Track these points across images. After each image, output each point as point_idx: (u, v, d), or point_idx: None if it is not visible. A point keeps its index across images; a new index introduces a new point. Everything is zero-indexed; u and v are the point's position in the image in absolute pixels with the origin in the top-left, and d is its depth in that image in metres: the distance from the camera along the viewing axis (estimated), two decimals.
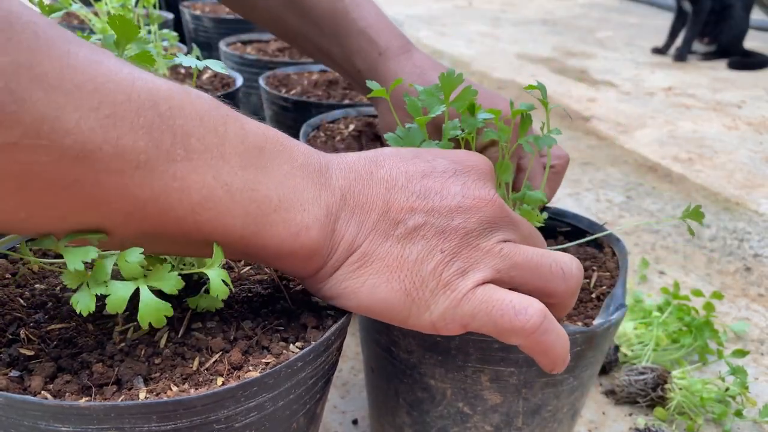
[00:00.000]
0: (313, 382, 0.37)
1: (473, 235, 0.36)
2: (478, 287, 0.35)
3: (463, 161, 0.39)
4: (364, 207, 0.36)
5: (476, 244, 0.36)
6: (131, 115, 0.29)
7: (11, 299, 0.40)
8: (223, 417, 0.32)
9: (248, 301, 0.42)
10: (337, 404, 0.69)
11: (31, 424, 0.30)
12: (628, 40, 2.92)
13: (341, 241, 0.36)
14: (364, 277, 0.36)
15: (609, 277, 0.53)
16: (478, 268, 0.35)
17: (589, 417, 0.69)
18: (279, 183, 0.34)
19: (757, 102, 1.99)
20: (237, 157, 0.32)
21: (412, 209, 0.36)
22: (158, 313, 0.33)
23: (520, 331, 0.35)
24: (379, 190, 0.37)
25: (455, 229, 0.36)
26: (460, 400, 0.48)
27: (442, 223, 0.36)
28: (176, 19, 1.53)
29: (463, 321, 0.35)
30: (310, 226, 0.34)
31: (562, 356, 0.36)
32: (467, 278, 0.35)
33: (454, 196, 0.36)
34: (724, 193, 1.30)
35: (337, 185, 0.36)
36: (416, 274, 0.35)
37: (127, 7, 0.77)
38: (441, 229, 0.36)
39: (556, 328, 0.36)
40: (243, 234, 0.33)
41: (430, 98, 0.45)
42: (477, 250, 0.36)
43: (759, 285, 0.98)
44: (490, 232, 0.36)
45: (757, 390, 0.75)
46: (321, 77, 1.07)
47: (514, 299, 0.35)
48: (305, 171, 0.35)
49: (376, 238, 0.36)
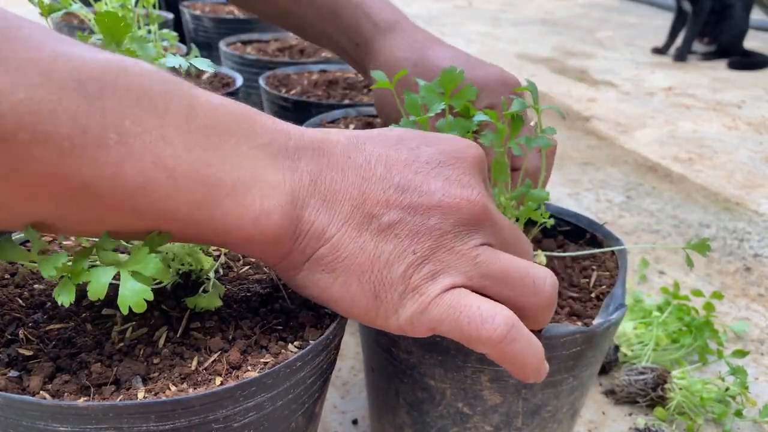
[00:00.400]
0: (312, 381, 0.37)
1: (448, 237, 0.34)
2: (447, 292, 0.34)
3: (451, 151, 0.37)
4: (337, 196, 0.34)
5: (451, 247, 0.34)
6: (51, 98, 0.26)
7: (10, 299, 0.40)
8: (222, 417, 0.32)
9: (247, 301, 0.42)
10: (336, 404, 0.69)
11: (29, 424, 0.30)
12: (628, 40, 2.92)
13: (310, 230, 0.34)
14: (336, 273, 0.34)
15: (608, 277, 0.53)
16: (449, 272, 0.34)
17: (589, 417, 0.69)
18: (234, 165, 0.31)
19: (757, 102, 1.99)
20: (182, 137, 0.30)
21: (388, 204, 0.34)
22: (138, 297, 0.32)
23: (486, 340, 0.34)
24: (355, 179, 0.34)
25: (431, 230, 0.34)
26: (460, 401, 0.48)
27: (417, 222, 0.34)
28: (176, 19, 1.53)
29: (430, 325, 0.34)
30: (270, 211, 0.32)
31: (532, 365, 0.35)
32: (437, 282, 0.34)
33: (434, 193, 0.34)
34: (724, 193, 1.30)
35: (306, 169, 0.34)
36: (386, 276, 0.34)
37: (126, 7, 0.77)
38: (416, 229, 0.34)
39: (524, 337, 0.34)
40: (192, 220, 0.31)
41: (430, 95, 0.45)
42: (451, 253, 0.34)
43: (759, 285, 0.98)
44: (468, 235, 0.35)
45: (757, 390, 0.75)
46: (321, 77, 1.08)
47: (482, 307, 0.34)
48: (269, 151, 0.33)
49: (350, 232, 0.34)
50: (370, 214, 0.34)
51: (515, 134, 0.46)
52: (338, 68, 1.16)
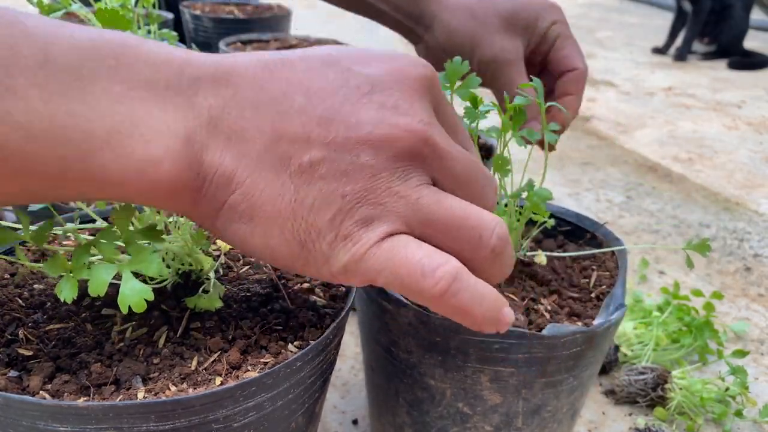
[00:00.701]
0: (312, 381, 0.37)
1: (383, 177, 0.29)
2: (385, 240, 0.29)
3: (389, 72, 0.31)
4: (246, 134, 0.29)
5: (387, 188, 0.29)
6: None
7: (10, 299, 0.40)
8: (222, 417, 0.32)
9: (246, 301, 0.42)
10: (336, 404, 0.69)
11: (29, 424, 0.30)
12: (627, 40, 2.92)
13: (215, 176, 0.29)
14: (254, 222, 0.30)
15: (609, 277, 0.53)
16: (386, 218, 0.29)
17: (589, 417, 0.69)
18: (106, 111, 0.27)
19: (757, 102, 1.99)
20: (36, 88, 0.25)
21: (309, 140, 0.29)
22: (139, 296, 0.32)
23: (427, 294, 0.30)
24: (268, 113, 0.29)
25: (361, 169, 0.29)
26: (460, 400, 0.48)
27: (345, 160, 0.29)
28: (176, 19, 1.53)
29: (367, 276, 0.30)
30: (158, 159, 0.28)
31: (484, 316, 0.31)
32: (371, 230, 0.29)
33: (364, 125, 0.29)
34: (724, 193, 1.30)
35: (204, 104, 0.29)
36: (312, 223, 0.29)
37: (126, 7, 0.77)
38: (343, 169, 0.29)
39: (469, 288, 0.30)
40: (70, 179, 0.27)
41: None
42: (387, 195, 0.29)
43: (759, 285, 0.98)
44: (407, 173, 0.30)
45: (757, 390, 0.75)
46: None
47: (424, 258, 0.29)
48: (152, 89, 0.28)
49: (264, 175, 0.29)
50: (288, 154, 0.29)
51: (517, 127, 0.47)
52: None
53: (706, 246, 0.46)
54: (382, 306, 0.47)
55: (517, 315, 0.47)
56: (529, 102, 0.45)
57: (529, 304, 0.49)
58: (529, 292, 0.50)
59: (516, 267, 0.53)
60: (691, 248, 0.46)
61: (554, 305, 0.49)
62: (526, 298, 0.50)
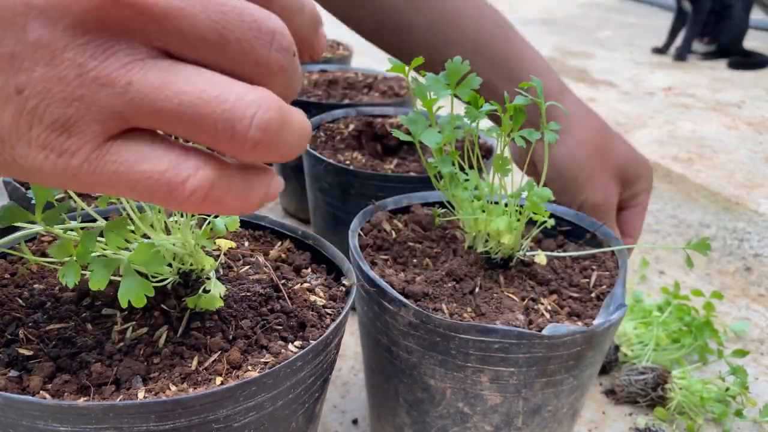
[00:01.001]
0: (312, 381, 0.37)
1: (68, 58, 0.21)
2: (106, 146, 0.23)
3: None
4: None
5: (78, 74, 0.22)
6: None
7: (10, 299, 0.40)
8: (222, 416, 0.32)
9: (247, 301, 0.42)
10: (337, 404, 0.69)
11: (29, 423, 0.30)
12: (627, 40, 2.92)
13: None
14: None
15: (608, 277, 0.53)
16: (88, 116, 0.22)
17: (589, 417, 0.69)
18: None
19: (757, 102, 1.99)
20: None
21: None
22: (139, 291, 0.32)
23: (181, 208, 0.24)
24: None
25: (33, 48, 0.21)
26: (460, 400, 0.48)
27: (10, 39, 0.21)
28: None
29: (94, 190, 0.24)
30: None
31: (252, 206, 0.25)
32: (76, 137, 0.22)
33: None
34: (724, 193, 1.30)
35: None
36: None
37: None
38: (10, 51, 0.21)
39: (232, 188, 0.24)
40: None
41: (435, 85, 0.46)
42: (82, 84, 0.22)
43: (759, 285, 0.98)
44: (108, 48, 0.22)
45: (757, 390, 0.75)
46: (321, 77, 1.07)
47: (164, 165, 0.23)
48: None
49: None
50: None
51: (517, 127, 0.47)
52: (338, 68, 1.16)
53: (706, 246, 0.46)
54: (382, 306, 0.47)
55: (517, 315, 0.47)
56: (529, 101, 0.45)
57: (529, 304, 0.49)
58: (529, 292, 0.50)
59: (516, 267, 0.53)
60: (691, 248, 0.46)
61: (554, 305, 0.49)
62: (526, 298, 0.50)
